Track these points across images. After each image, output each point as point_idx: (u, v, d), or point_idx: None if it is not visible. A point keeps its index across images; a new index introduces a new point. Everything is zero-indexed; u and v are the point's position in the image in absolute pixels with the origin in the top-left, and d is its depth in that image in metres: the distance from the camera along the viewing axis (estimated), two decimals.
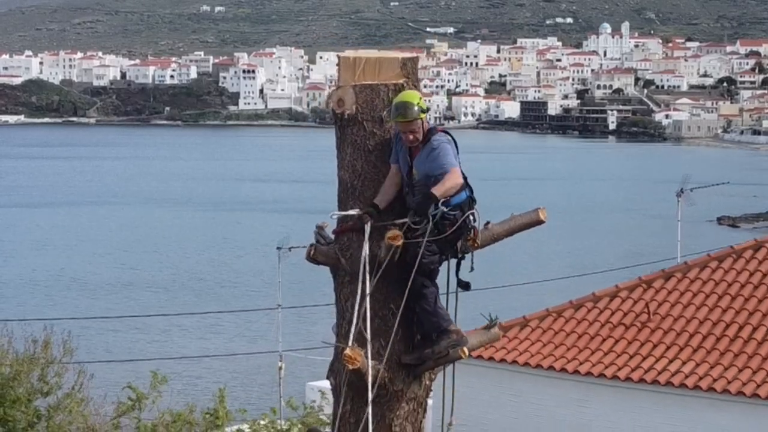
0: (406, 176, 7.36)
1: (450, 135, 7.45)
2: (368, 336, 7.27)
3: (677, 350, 18.25)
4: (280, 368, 26.23)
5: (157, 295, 73.24)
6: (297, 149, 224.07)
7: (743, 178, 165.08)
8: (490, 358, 19.20)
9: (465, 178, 7.45)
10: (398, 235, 7.19)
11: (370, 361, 7.28)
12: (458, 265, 7.67)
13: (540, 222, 7.66)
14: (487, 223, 7.66)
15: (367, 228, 7.24)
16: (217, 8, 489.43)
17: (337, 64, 7.55)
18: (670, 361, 18.07)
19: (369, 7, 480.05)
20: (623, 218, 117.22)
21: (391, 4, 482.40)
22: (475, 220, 7.54)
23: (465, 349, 7.54)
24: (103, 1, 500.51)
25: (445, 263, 7.68)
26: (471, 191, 7.48)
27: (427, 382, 7.69)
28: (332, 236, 7.56)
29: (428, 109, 7.26)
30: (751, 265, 19.56)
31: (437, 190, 7.25)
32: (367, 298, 7.22)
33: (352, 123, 7.40)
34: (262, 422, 18.33)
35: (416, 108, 7.19)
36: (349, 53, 7.58)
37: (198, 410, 18.78)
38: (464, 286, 7.69)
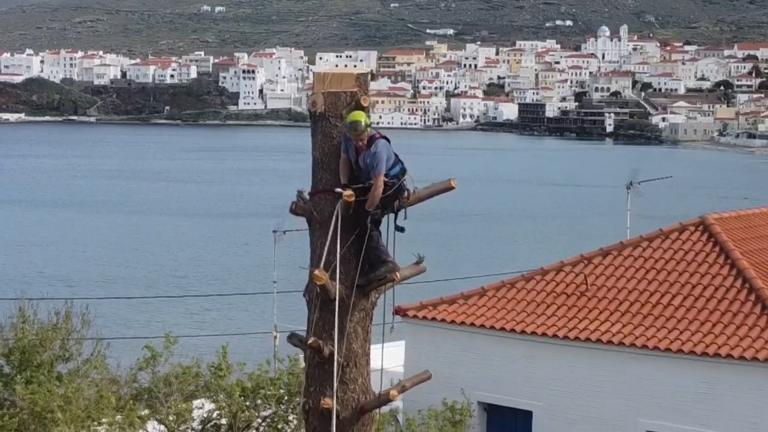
0: (354, 165, 10.70)
1: (387, 139, 10.78)
2: (338, 265, 10.59)
3: (608, 314, 21.75)
4: (275, 337, 29.66)
5: (164, 290, 76.34)
6: (295, 149, 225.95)
7: (736, 180, 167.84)
8: (453, 321, 22.65)
9: (397, 156, 10.81)
10: (351, 194, 10.57)
11: (338, 283, 10.59)
12: (396, 216, 11.04)
13: (451, 188, 11.00)
14: (415, 188, 11.02)
15: (338, 196, 10.59)
16: (218, 8, 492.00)
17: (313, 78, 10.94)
18: (602, 323, 21.55)
19: (369, 9, 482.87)
20: (610, 220, 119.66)
21: (391, 5, 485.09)
22: (407, 185, 10.91)
23: (397, 274, 10.93)
24: (104, 1, 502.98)
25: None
26: (402, 164, 10.85)
27: (373, 299, 11.06)
28: (308, 196, 10.92)
29: (371, 124, 10.58)
30: (676, 244, 23.03)
31: (368, 205, 10.62)
32: (338, 240, 10.56)
33: (322, 118, 10.80)
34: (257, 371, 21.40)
35: (363, 124, 10.53)
36: (320, 70, 10.99)
37: (204, 365, 21.88)
38: (400, 229, 11.05)
